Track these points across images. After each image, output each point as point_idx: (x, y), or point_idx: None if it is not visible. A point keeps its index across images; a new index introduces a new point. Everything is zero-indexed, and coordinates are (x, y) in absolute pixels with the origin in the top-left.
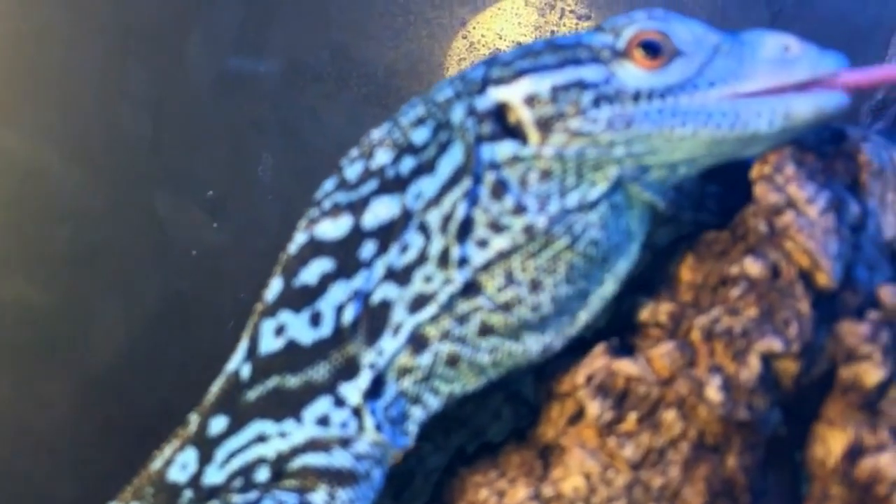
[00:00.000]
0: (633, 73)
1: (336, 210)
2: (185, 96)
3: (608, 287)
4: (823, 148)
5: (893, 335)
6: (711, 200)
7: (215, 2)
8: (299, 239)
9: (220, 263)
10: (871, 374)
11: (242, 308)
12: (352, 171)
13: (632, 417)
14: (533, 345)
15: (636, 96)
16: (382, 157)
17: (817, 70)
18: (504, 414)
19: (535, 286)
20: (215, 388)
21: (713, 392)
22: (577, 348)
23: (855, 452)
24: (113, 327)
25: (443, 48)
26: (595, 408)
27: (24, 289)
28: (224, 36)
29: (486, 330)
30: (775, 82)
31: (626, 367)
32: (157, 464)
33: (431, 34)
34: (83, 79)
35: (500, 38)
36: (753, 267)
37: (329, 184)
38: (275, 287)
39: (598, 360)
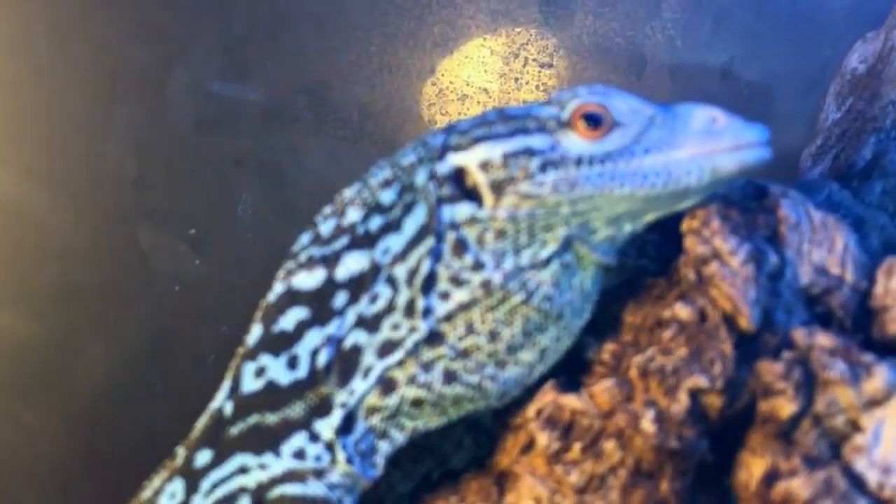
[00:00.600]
0: (576, 142)
1: (311, 263)
2: (167, 136)
3: (563, 343)
4: (747, 203)
5: (805, 372)
6: (652, 248)
7: (197, 45)
8: (278, 288)
9: (202, 298)
10: (786, 407)
11: (224, 342)
12: (325, 227)
13: (576, 447)
14: (493, 389)
15: (579, 162)
16: (353, 215)
17: (741, 141)
18: (465, 443)
19: (493, 336)
20: (200, 423)
21: (648, 424)
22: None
23: (771, 477)
24: (98, 361)
25: (413, 93)
26: (544, 438)
27: (11, 322)
28: (205, 77)
29: (449, 377)
30: (704, 149)
31: (572, 401)
32: (146, 493)
33: (403, 80)
34: (70, 119)
35: (468, 85)
36: (683, 311)
37: (305, 238)
38: (255, 332)
39: (547, 396)
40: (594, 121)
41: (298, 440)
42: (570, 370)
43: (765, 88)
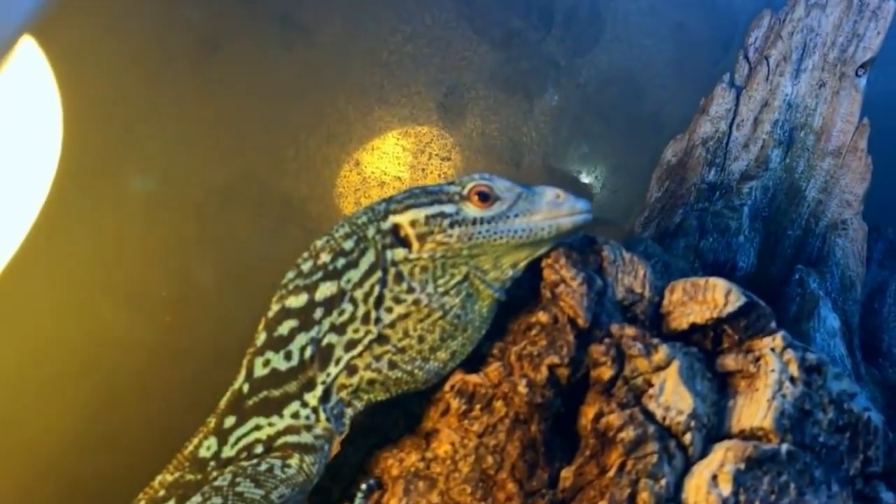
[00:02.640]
0: (472, 210)
1: (297, 290)
2: (124, 218)
3: (467, 348)
4: (582, 248)
5: (618, 351)
6: (525, 282)
7: (146, 136)
8: (275, 308)
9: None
10: (606, 373)
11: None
12: (305, 266)
13: (477, 407)
14: (420, 375)
15: (474, 222)
16: (325, 257)
17: (574, 210)
18: (400, 423)
19: (421, 340)
20: (224, 399)
21: (522, 388)
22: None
23: (599, 416)
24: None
25: (342, 182)
26: (455, 403)
27: None
28: (155, 165)
29: (392, 365)
30: (551, 215)
31: (474, 378)
32: (190, 447)
33: (334, 171)
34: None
35: (385, 174)
36: (543, 317)
37: (291, 274)
38: (262, 337)
39: (457, 376)
40: (484, 196)
41: (294, 406)
42: (473, 360)
43: (611, 175)
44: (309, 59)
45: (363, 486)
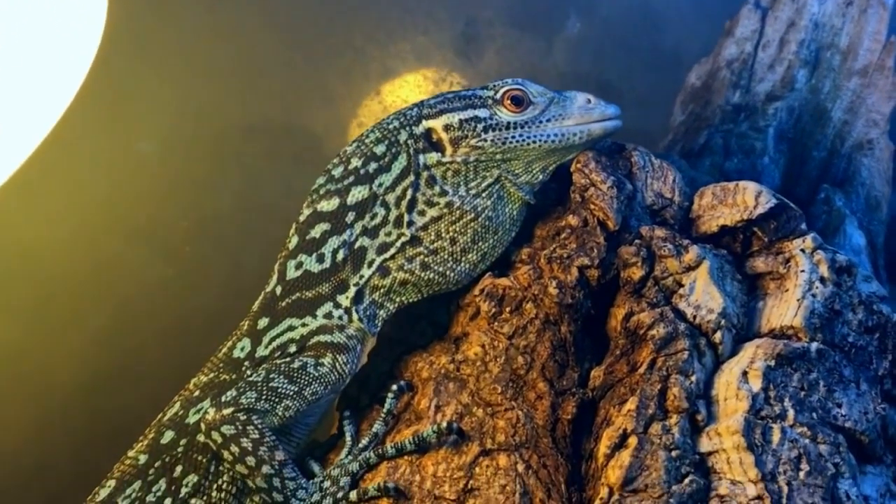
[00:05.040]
0: (505, 114)
1: (329, 194)
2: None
3: (497, 250)
4: (612, 153)
5: (648, 252)
6: (551, 191)
7: (162, 72)
8: (306, 212)
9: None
10: (637, 273)
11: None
12: (336, 171)
13: (507, 310)
14: (452, 276)
15: (508, 126)
16: (356, 162)
17: (605, 115)
18: (427, 332)
19: (453, 241)
20: (258, 302)
21: (553, 290)
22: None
23: (629, 316)
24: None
25: (364, 110)
26: (485, 306)
27: None
28: (171, 101)
29: (424, 266)
30: (583, 120)
31: (503, 282)
32: (224, 349)
33: (356, 100)
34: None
35: (405, 103)
36: (573, 219)
37: (321, 179)
38: (294, 241)
39: (486, 280)
40: (517, 101)
41: (327, 307)
42: (500, 267)
43: (632, 106)
44: None
45: (394, 388)
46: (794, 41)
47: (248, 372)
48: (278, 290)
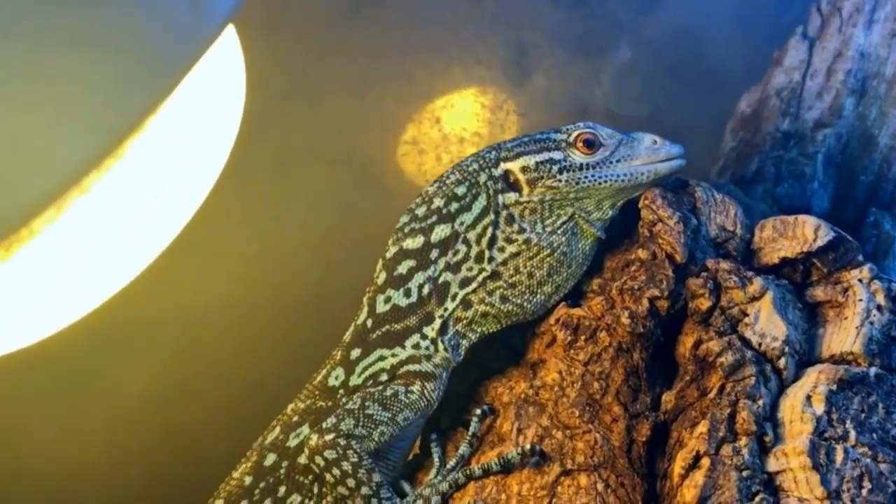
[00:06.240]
0: (578, 156)
1: (413, 232)
2: None
3: (570, 282)
4: (677, 190)
5: (715, 284)
6: (617, 224)
7: None
8: (392, 249)
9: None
10: (704, 304)
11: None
12: (419, 210)
13: (582, 338)
14: (529, 308)
15: (580, 167)
16: (438, 202)
17: (670, 155)
18: (501, 356)
19: (530, 275)
20: (349, 335)
21: (625, 320)
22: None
23: (697, 344)
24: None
25: (425, 138)
26: (561, 335)
27: None
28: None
29: (503, 299)
30: (650, 160)
31: (578, 311)
32: (318, 377)
33: (418, 128)
34: None
35: (465, 130)
36: (643, 253)
37: (405, 218)
38: (382, 276)
39: (561, 310)
40: (589, 143)
41: (415, 338)
42: (573, 297)
43: (681, 129)
44: (380, 21)
45: (478, 412)
46: (841, 70)
47: (344, 399)
48: (369, 322)
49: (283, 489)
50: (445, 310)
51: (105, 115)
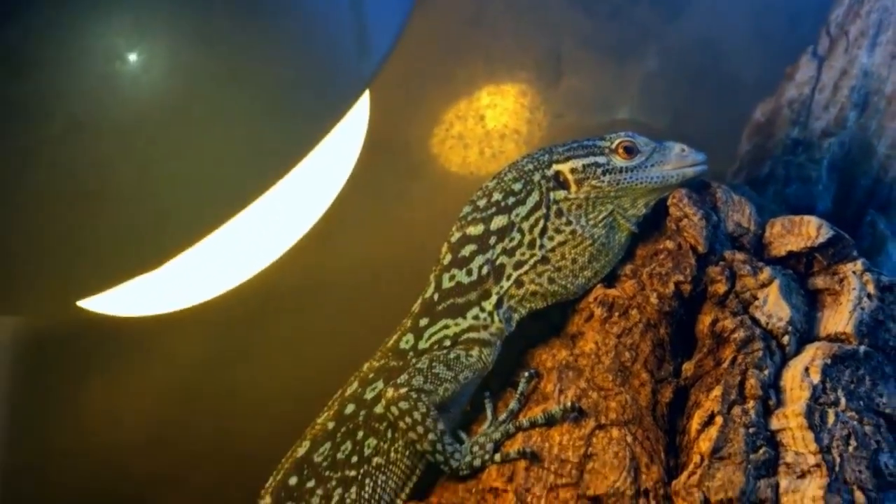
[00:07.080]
0: (619, 160)
1: (475, 221)
2: None
3: (607, 268)
4: (700, 190)
5: (731, 271)
6: (648, 220)
7: None
8: (457, 235)
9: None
10: (721, 288)
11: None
12: (480, 202)
13: (616, 314)
14: (571, 289)
15: (621, 170)
16: (497, 196)
17: (696, 161)
18: (544, 331)
19: (574, 261)
20: (418, 305)
21: (654, 299)
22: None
23: (714, 322)
24: None
25: (469, 133)
26: (598, 311)
27: None
28: None
29: (551, 280)
30: (679, 165)
31: (613, 291)
32: (391, 341)
33: (463, 125)
34: None
35: (506, 127)
36: (669, 244)
37: (467, 209)
38: (447, 258)
39: (598, 290)
40: (629, 150)
41: (475, 311)
42: (609, 280)
43: (702, 134)
44: (429, 25)
45: (525, 374)
46: (846, 87)
47: (414, 360)
48: (435, 296)
49: (360, 433)
50: (501, 287)
51: (284, 145)
